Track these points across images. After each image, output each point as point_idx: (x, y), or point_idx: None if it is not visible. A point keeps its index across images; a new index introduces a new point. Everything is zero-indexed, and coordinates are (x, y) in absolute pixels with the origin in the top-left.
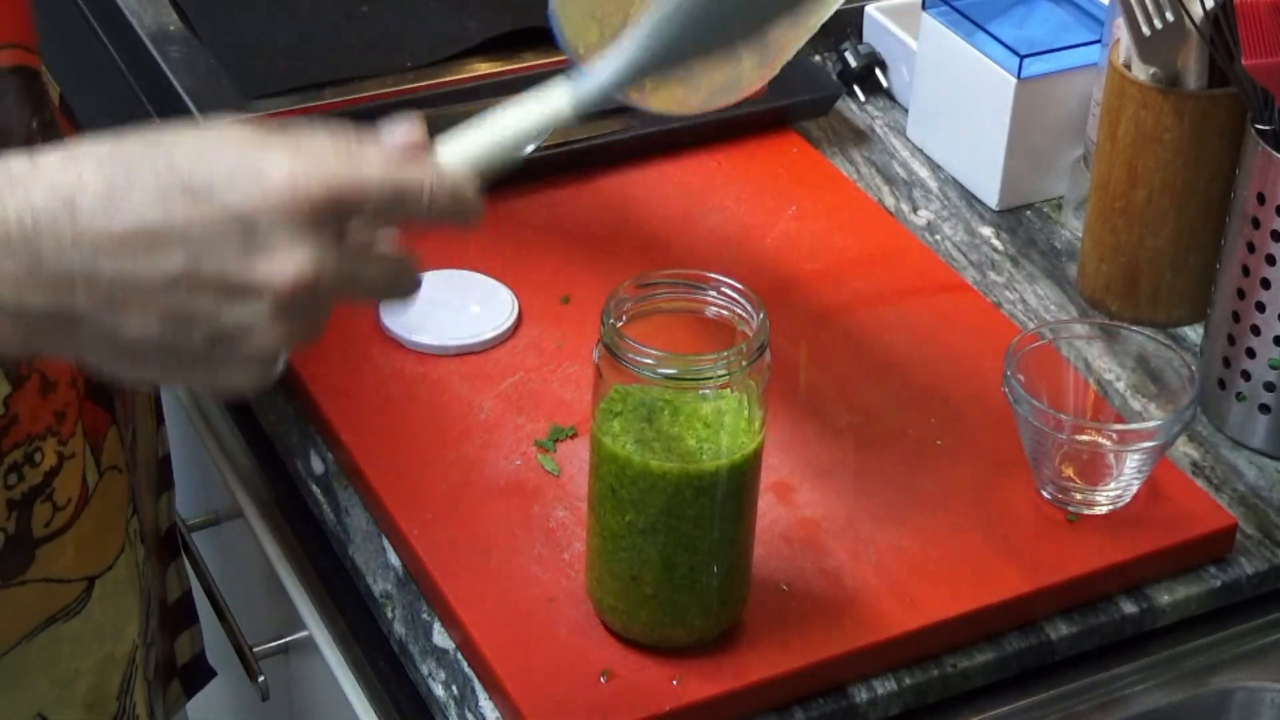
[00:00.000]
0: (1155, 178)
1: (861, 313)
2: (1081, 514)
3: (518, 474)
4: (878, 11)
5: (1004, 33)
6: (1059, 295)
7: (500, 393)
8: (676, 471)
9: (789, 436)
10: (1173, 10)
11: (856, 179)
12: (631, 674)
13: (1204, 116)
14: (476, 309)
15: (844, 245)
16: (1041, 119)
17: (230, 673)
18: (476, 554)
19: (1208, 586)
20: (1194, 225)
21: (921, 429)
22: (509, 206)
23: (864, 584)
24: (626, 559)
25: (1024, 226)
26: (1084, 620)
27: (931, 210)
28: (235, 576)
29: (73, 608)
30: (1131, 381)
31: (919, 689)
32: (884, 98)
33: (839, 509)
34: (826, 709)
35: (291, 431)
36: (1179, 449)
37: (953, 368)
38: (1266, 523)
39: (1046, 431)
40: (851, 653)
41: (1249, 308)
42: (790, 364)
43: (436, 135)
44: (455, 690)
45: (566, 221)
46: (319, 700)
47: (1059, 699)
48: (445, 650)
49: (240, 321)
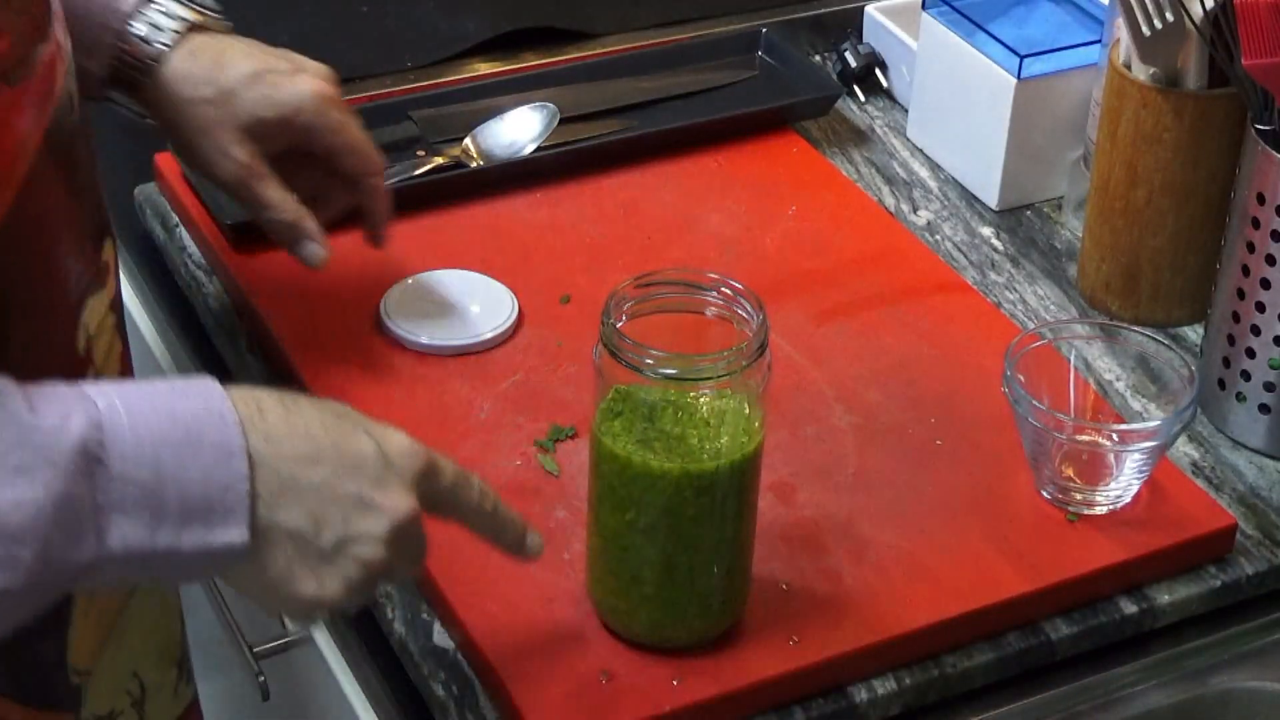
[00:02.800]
0: (1155, 178)
1: (861, 313)
2: (1081, 514)
3: (518, 474)
4: (878, 11)
5: (1004, 33)
6: (1059, 295)
7: (500, 393)
8: (677, 471)
9: (789, 436)
10: (1173, 10)
11: (856, 179)
12: (631, 674)
13: (1204, 116)
14: (476, 309)
15: (844, 245)
16: (1041, 119)
17: (230, 673)
18: (476, 554)
19: (1208, 586)
20: (1194, 225)
21: (921, 429)
22: (509, 206)
23: (864, 584)
24: (627, 559)
25: (1024, 226)
26: (1084, 620)
27: (931, 210)
28: None
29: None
30: (1131, 381)
31: (919, 689)
32: (884, 98)
33: (839, 509)
34: (826, 709)
35: None
36: (1179, 449)
37: (953, 368)
38: (1266, 523)
39: (1046, 431)
40: (851, 653)
41: (1249, 308)
42: (790, 364)
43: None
44: (455, 690)
45: (566, 221)
46: (319, 700)
47: (1059, 699)
48: (445, 650)
49: (361, 530)
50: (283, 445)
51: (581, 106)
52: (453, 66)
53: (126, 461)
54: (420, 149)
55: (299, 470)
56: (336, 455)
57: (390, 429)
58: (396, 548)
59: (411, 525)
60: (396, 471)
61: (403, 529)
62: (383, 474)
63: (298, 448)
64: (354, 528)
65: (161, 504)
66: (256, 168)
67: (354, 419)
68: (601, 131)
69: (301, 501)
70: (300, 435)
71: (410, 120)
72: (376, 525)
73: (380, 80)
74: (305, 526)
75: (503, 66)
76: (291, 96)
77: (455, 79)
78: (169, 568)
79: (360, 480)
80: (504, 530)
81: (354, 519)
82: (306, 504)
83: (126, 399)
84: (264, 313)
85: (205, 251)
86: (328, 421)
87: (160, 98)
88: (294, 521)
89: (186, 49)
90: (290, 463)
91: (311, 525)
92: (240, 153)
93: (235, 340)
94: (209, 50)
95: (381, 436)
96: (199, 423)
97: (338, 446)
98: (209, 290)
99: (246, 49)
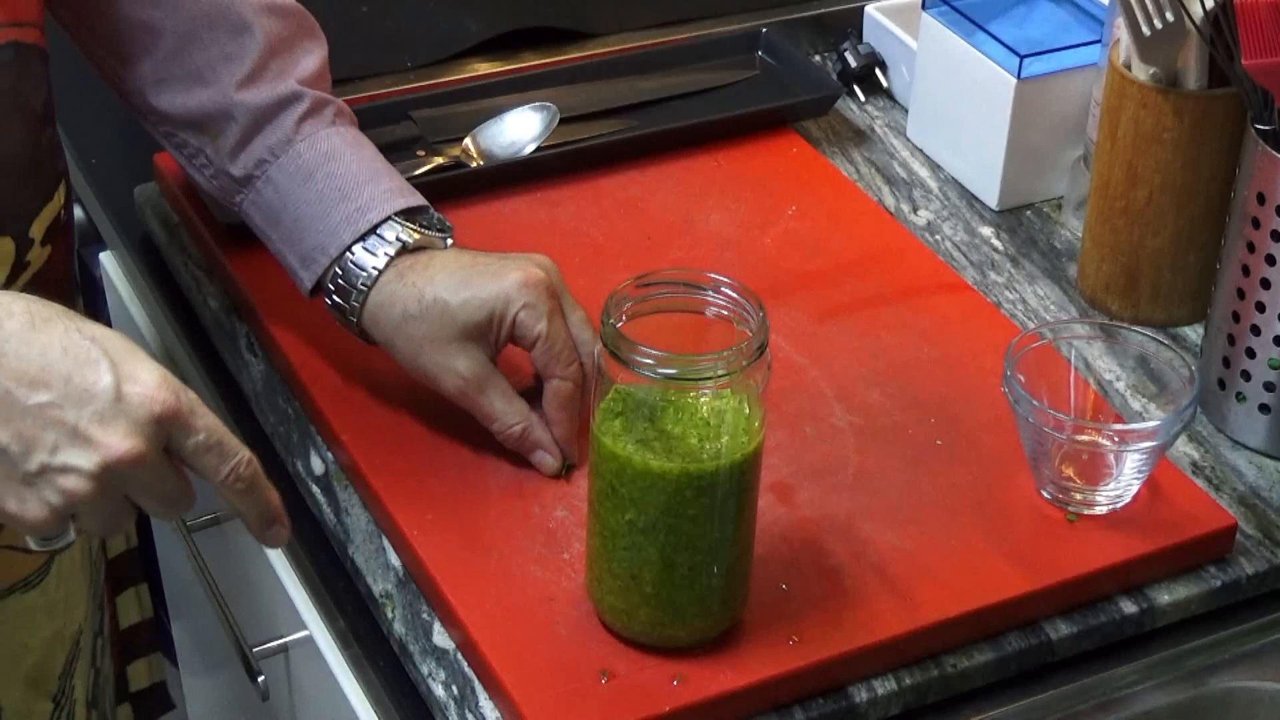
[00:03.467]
0: (1155, 178)
1: (861, 312)
2: (1081, 514)
3: (518, 474)
4: (878, 11)
5: (1004, 33)
6: (1059, 295)
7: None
8: (676, 471)
9: (789, 436)
10: (1173, 10)
11: (856, 179)
12: (631, 674)
13: (1204, 116)
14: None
15: (844, 245)
16: (1041, 119)
17: (230, 673)
18: (476, 554)
19: (1208, 586)
20: (1194, 225)
21: (921, 429)
22: (509, 206)
23: (864, 584)
24: (626, 558)
25: (1024, 226)
26: (1084, 620)
27: (931, 210)
28: (235, 576)
29: (32, 579)
30: (1131, 381)
31: (919, 689)
32: (884, 98)
33: (839, 509)
34: (826, 709)
35: (292, 431)
36: (1179, 449)
37: (953, 368)
38: (1266, 523)
39: (1046, 431)
40: (851, 653)
41: (1249, 308)
42: (790, 364)
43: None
44: (455, 690)
45: (566, 221)
46: (319, 700)
47: (1059, 699)
48: (445, 650)
49: (68, 461)
50: (8, 360)
51: (581, 106)
52: (453, 66)
53: None
54: (420, 149)
55: (17, 389)
56: (64, 382)
57: (146, 367)
58: (106, 485)
59: (128, 467)
60: (126, 411)
61: (114, 469)
62: (108, 410)
63: (25, 367)
64: (60, 457)
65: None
66: (474, 380)
67: (110, 348)
68: (601, 131)
69: (11, 421)
70: (35, 354)
71: (410, 120)
72: (84, 460)
73: (380, 80)
74: (13, 446)
75: (503, 66)
76: (498, 292)
77: (455, 79)
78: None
79: (81, 412)
80: (249, 509)
81: (64, 448)
82: (16, 424)
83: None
84: (264, 313)
85: (205, 251)
86: (73, 345)
87: (372, 319)
88: (1, 439)
89: (395, 270)
90: (11, 380)
91: (20, 445)
92: (460, 365)
93: (235, 340)
94: (417, 267)
95: (128, 374)
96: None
97: (70, 374)
98: (209, 290)
99: (455, 256)
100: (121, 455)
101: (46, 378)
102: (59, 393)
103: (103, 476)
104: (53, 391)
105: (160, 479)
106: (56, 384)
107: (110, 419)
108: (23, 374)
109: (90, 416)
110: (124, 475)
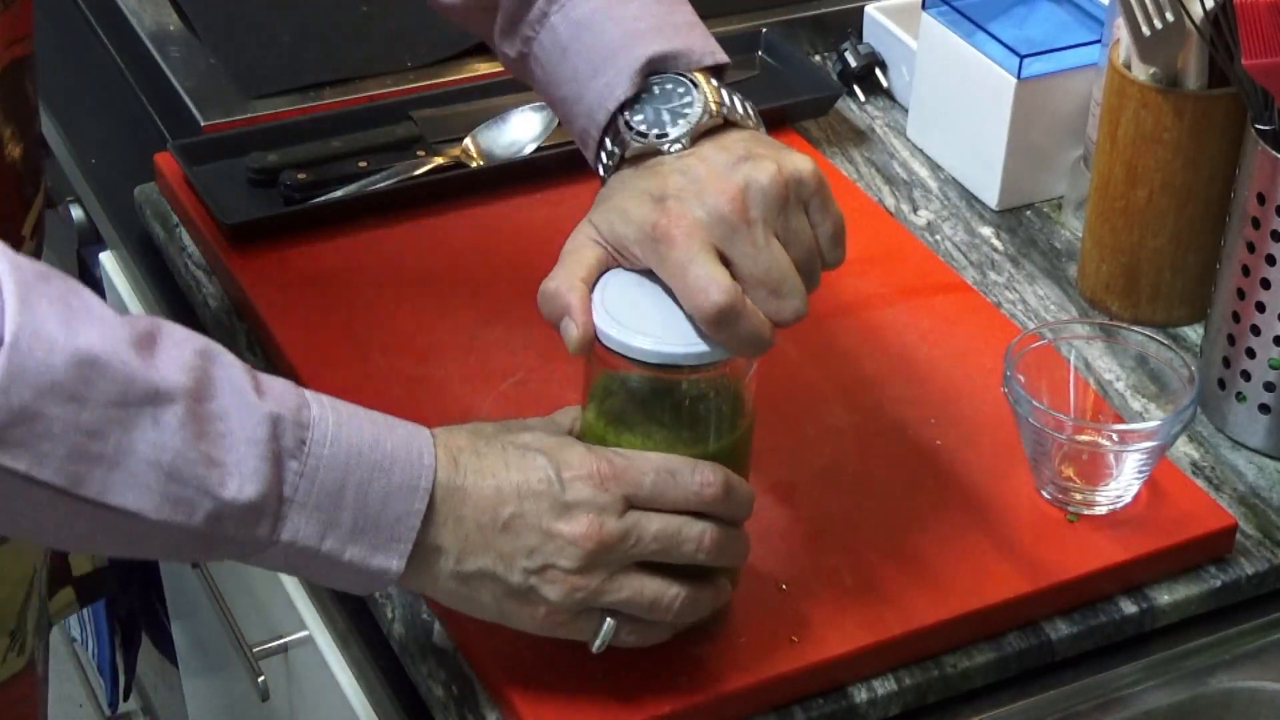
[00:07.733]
0: (1155, 178)
1: (861, 313)
2: (1081, 514)
3: None
4: (878, 11)
5: (1004, 33)
6: (1059, 295)
7: (500, 393)
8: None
9: (789, 436)
10: (1173, 10)
11: (856, 179)
12: (631, 674)
13: (1204, 116)
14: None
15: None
16: (1041, 119)
17: (230, 673)
18: None
19: (1208, 586)
20: (1194, 225)
21: (921, 429)
22: (509, 206)
23: (864, 584)
24: None
25: (1024, 226)
26: (1084, 620)
27: (931, 210)
28: (235, 576)
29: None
30: (1131, 381)
31: (919, 689)
32: (884, 98)
33: (839, 509)
34: (826, 709)
35: None
36: (1179, 449)
37: (953, 368)
38: (1266, 523)
39: (1046, 431)
40: (851, 653)
41: (1249, 308)
42: (790, 364)
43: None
44: (455, 690)
45: (568, 221)
46: (319, 700)
47: (1059, 699)
48: (445, 650)
49: (549, 560)
50: (468, 497)
51: None
52: (453, 66)
53: (320, 463)
54: (420, 149)
55: (482, 517)
56: (517, 493)
57: (567, 449)
58: (591, 573)
59: (601, 545)
60: (578, 496)
61: (593, 553)
62: (558, 501)
63: (482, 495)
64: (540, 559)
65: (338, 514)
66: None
67: (543, 446)
68: None
69: (487, 546)
70: (487, 484)
71: (410, 120)
72: (563, 555)
73: (380, 80)
74: (496, 567)
75: (503, 66)
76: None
77: (455, 79)
78: (326, 572)
79: (540, 509)
80: (738, 509)
81: (542, 550)
82: (493, 546)
83: (339, 412)
84: (264, 313)
85: (205, 251)
86: (511, 459)
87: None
88: (484, 564)
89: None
90: (475, 510)
91: (502, 564)
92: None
93: (235, 340)
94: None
95: (561, 464)
96: (397, 453)
97: (521, 483)
98: (209, 290)
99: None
100: (587, 536)
101: (501, 496)
102: (515, 504)
103: (589, 562)
104: (510, 505)
105: (651, 540)
106: (511, 498)
107: (565, 510)
108: (484, 500)
109: (549, 514)
110: (606, 549)
